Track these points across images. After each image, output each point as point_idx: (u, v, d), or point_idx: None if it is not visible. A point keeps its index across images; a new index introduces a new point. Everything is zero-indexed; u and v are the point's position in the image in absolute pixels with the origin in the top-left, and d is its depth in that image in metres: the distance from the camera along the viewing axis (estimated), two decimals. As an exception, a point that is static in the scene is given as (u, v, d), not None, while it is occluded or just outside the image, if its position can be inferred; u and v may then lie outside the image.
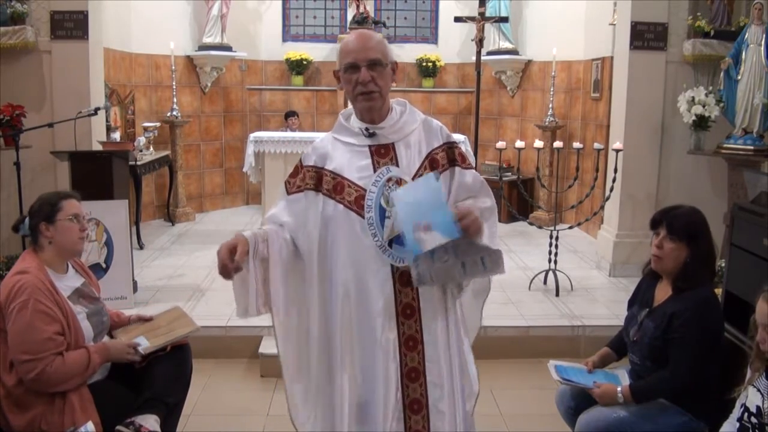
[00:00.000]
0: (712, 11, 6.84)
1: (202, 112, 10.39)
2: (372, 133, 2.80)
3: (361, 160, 2.79)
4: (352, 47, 2.75)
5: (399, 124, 2.84)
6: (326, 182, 2.80)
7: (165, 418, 3.46)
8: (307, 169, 2.87)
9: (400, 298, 2.74)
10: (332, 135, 2.91)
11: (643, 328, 3.43)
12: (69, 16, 6.81)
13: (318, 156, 2.86)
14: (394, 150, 2.81)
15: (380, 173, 2.76)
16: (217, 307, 5.89)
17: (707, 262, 3.40)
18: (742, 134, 6.16)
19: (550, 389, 3.88)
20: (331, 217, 2.77)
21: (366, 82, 2.70)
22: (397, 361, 2.73)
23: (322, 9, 11.39)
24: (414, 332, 2.75)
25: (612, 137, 7.37)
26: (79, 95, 6.80)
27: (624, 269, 7.04)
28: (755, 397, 2.74)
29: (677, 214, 3.46)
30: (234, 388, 5.01)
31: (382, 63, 2.74)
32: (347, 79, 2.76)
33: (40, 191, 3.85)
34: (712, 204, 6.45)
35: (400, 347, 2.74)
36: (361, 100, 2.76)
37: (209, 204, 10.63)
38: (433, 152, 2.85)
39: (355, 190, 2.75)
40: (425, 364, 2.76)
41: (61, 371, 3.21)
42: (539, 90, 10.26)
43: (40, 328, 3.20)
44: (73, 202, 3.54)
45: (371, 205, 2.72)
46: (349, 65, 2.74)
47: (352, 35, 2.82)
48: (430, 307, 2.78)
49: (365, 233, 2.71)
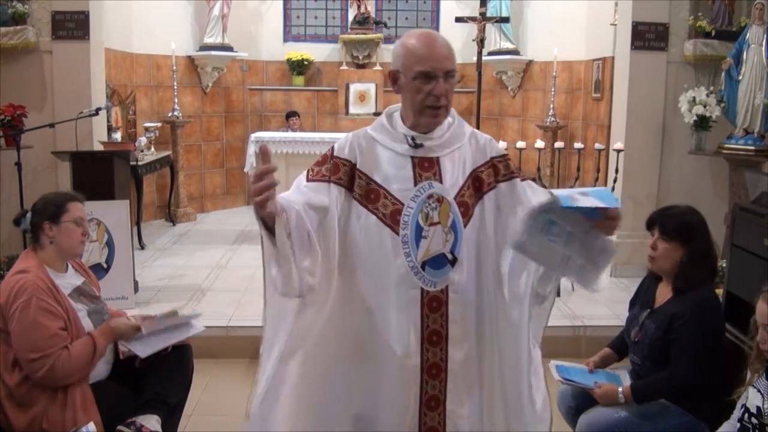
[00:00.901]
0: (713, 11, 6.84)
1: (203, 113, 10.40)
2: (419, 144, 2.54)
3: (402, 170, 2.53)
4: (426, 52, 2.45)
5: (446, 136, 2.58)
6: (359, 185, 2.52)
7: (166, 418, 3.46)
8: (342, 162, 2.55)
9: (427, 323, 2.50)
10: (371, 133, 2.63)
11: (644, 329, 3.43)
12: (70, 17, 6.82)
13: (353, 150, 2.57)
14: (438, 164, 2.55)
15: (421, 188, 2.50)
16: (218, 307, 5.90)
17: (704, 261, 3.39)
18: (743, 134, 6.16)
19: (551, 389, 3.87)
20: (358, 226, 2.51)
21: (440, 95, 2.44)
22: (417, 387, 2.52)
23: (323, 9, 11.40)
24: (439, 360, 2.52)
25: (613, 137, 7.37)
26: (80, 95, 6.80)
27: (625, 269, 7.03)
28: (755, 397, 2.74)
29: (671, 214, 3.48)
30: (235, 388, 5.00)
31: (455, 74, 2.50)
32: (416, 88, 2.46)
33: (41, 191, 3.85)
34: (713, 204, 6.46)
35: (422, 374, 2.52)
36: (429, 113, 2.48)
37: (210, 204, 10.63)
38: (477, 170, 2.59)
39: (392, 202, 2.49)
40: (446, 393, 2.54)
41: (68, 364, 3.22)
42: (540, 90, 10.27)
43: (45, 325, 3.21)
44: (78, 205, 3.55)
45: (407, 221, 2.47)
46: (424, 73, 2.44)
47: (424, 37, 2.50)
48: (459, 335, 2.54)
49: (397, 252, 2.47)
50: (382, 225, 2.48)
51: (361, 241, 2.50)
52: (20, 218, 3.53)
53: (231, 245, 8.25)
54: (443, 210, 2.50)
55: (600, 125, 8.65)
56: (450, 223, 2.50)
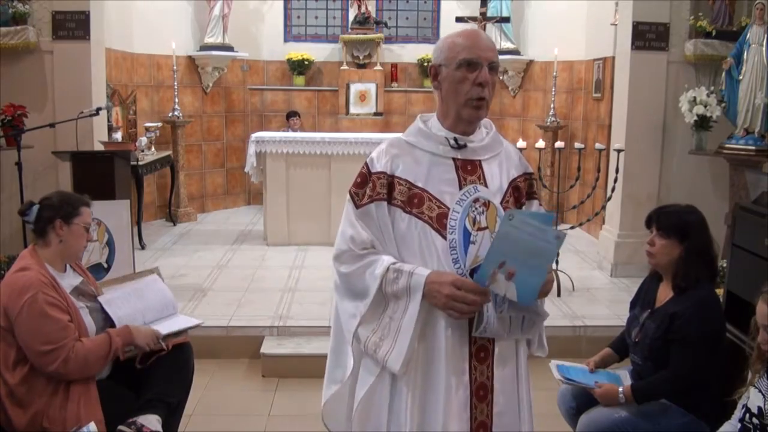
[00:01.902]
0: (714, 11, 6.84)
1: (203, 113, 10.40)
2: (462, 144, 2.45)
3: (445, 172, 2.43)
4: (470, 42, 2.39)
5: (486, 140, 2.51)
6: (400, 192, 2.41)
7: (167, 418, 3.46)
8: (377, 176, 2.44)
9: (475, 338, 2.38)
10: (405, 139, 2.52)
11: (645, 329, 3.44)
12: (71, 17, 6.82)
13: (388, 160, 2.46)
14: (481, 168, 2.46)
15: (467, 191, 2.40)
16: (219, 307, 5.91)
17: (702, 259, 3.40)
18: (743, 134, 6.15)
19: (552, 389, 3.88)
20: (405, 233, 2.40)
21: (486, 83, 2.36)
22: (467, 413, 2.39)
23: (323, 9, 11.39)
24: (485, 379, 2.41)
25: (613, 137, 7.37)
26: (81, 95, 6.81)
27: (625, 269, 7.04)
28: (756, 397, 2.74)
29: (668, 211, 3.50)
30: (235, 388, 5.02)
31: (497, 70, 2.44)
32: (460, 78, 2.38)
33: (42, 192, 3.85)
34: (714, 204, 6.46)
35: (471, 397, 2.39)
36: (472, 106, 2.39)
37: (211, 204, 10.64)
38: (516, 180, 2.53)
39: (437, 206, 2.38)
40: (493, 418, 2.43)
41: (82, 356, 3.22)
42: (541, 90, 10.27)
43: (55, 317, 3.22)
44: (89, 211, 3.58)
45: (455, 225, 2.36)
46: (468, 61, 2.36)
47: (467, 30, 2.47)
48: (504, 351, 2.45)
49: (446, 258, 2.35)
50: (430, 228, 2.37)
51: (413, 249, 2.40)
52: (27, 209, 3.51)
53: (231, 245, 8.25)
54: (490, 214, 2.41)
55: (600, 125, 8.65)
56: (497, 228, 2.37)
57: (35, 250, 3.45)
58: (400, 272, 2.35)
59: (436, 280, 2.28)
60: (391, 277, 2.36)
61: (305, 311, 5.83)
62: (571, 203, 8.71)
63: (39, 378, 3.24)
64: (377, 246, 2.43)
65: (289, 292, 6.40)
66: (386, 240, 2.43)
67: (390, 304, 2.40)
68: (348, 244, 2.45)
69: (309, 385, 4.63)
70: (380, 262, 2.39)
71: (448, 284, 2.25)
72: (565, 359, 3.77)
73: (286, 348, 5.31)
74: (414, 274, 2.32)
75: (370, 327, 2.43)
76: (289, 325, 5.56)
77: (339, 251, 2.49)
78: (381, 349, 2.38)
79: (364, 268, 2.43)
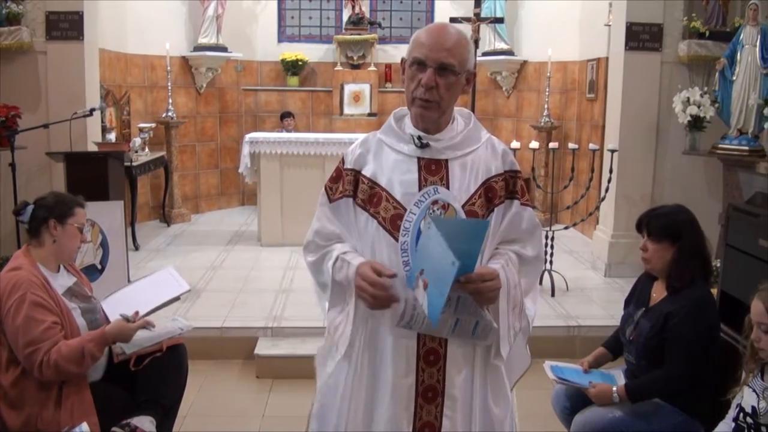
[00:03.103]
0: (707, 12, 6.85)
1: (197, 113, 10.38)
2: (425, 143, 2.38)
3: (407, 172, 2.38)
4: (426, 40, 2.32)
5: (458, 138, 2.43)
6: (362, 190, 2.41)
7: (161, 419, 3.46)
8: (346, 172, 2.47)
9: (424, 340, 2.36)
10: (378, 135, 2.50)
11: (639, 328, 3.44)
12: (64, 17, 6.82)
13: (356, 157, 2.47)
14: (446, 168, 2.39)
15: (426, 192, 2.35)
16: (213, 308, 5.90)
17: (695, 259, 3.40)
18: (737, 135, 6.16)
19: (546, 389, 3.88)
20: (363, 231, 2.41)
21: (429, 87, 2.29)
22: (410, 412, 2.38)
23: (317, 9, 11.40)
24: (435, 382, 2.38)
25: (607, 138, 7.39)
26: (75, 96, 6.81)
27: (619, 269, 7.06)
28: (750, 397, 2.75)
29: (657, 215, 3.50)
30: (230, 389, 5.01)
31: (455, 71, 2.32)
32: (410, 76, 2.35)
33: (35, 192, 3.85)
34: (708, 204, 6.48)
35: (417, 397, 2.38)
36: (417, 105, 2.35)
37: (205, 205, 10.62)
38: (491, 180, 2.42)
39: (393, 206, 2.35)
40: (442, 419, 2.40)
41: (53, 362, 3.19)
42: (535, 91, 10.28)
43: (39, 319, 3.21)
44: (83, 212, 3.57)
45: (408, 228, 2.32)
46: (416, 60, 2.32)
47: (432, 27, 2.39)
48: (458, 355, 2.40)
49: (396, 260, 2.32)
50: (382, 230, 2.35)
51: (364, 248, 2.41)
52: (21, 209, 3.51)
53: (225, 246, 8.24)
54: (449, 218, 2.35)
55: (594, 125, 8.66)
56: None
57: (29, 250, 3.45)
58: (344, 261, 2.42)
59: (357, 269, 2.33)
60: (338, 266, 2.44)
61: (299, 312, 5.81)
62: (565, 203, 8.73)
63: (31, 380, 3.23)
64: (344, 239, 2.49)
65: (283, 292, 6.39)
66: (352, 234, 2.47)
67: (346, 291, 2.46)
68: (313, 236, 2.54)
69: (303, 386, 4.60)
70: (333, 252, 2.48)
71: (359, 275, 2.30)
72: (559, 360, 3.78)
73: (280, 349, 5.31)
74: (350, 264, 2.38)
75: (336, 310, 2.54)
76: (284, 326, 5.55)
77: (307, 241, 2.59)
78: (337, 333, 2.49)
79: (322, 257, 2.52)
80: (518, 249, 2.49)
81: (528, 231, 2.50)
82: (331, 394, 2.51)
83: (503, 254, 2.45)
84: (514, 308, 2.42)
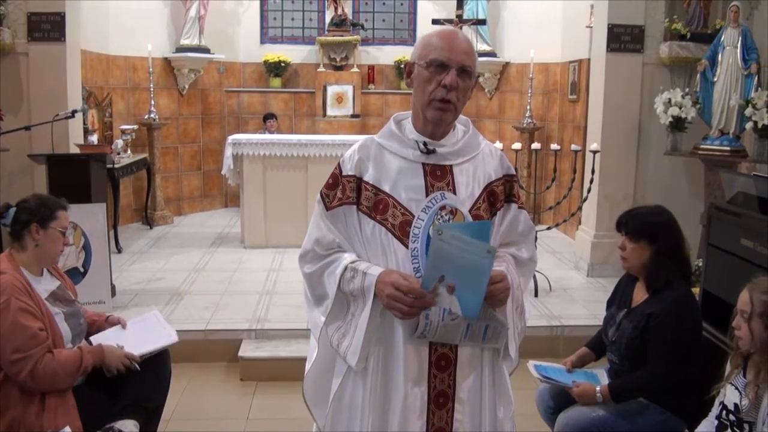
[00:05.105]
0: (689, 14, 6.90)
1: (179, 115, 10.34)
2: (431, 149, 2.37)
3: (413, 178, 2.37)
4: (443, 44, 2.31)
5: (460, 144, 2.44)
6: (366, 197, 2.38)
7: (144, 423, 3.44)
8: (347, 179, 2.41)
9: (436, 347, 2.35)
10: (377, 140, 2.46)
11: (622, 328, 3.46)
12: (46, 18, 6.78)
13: (356, 163, 2.42)
14: (451, 174, 2.39)
15: (433, 198, 2.34)
16: (196, 310, 5.88)
17: (673, 260, 3.42)
18: (718, 135, 6.22)
19: (530, 389, 3.89)
20: (370, 238, 2.37)
21: (452, 87, 2.28)
22: (423, 419, 2.37)
23: (300, 11, 11.38)
24: (446, 387, 2.38)
25: (589, 139, 7.42)
26: (57, 98, 6.77)
27: (602, 269, 7.09)
28: (733, 394, 2.77)
29: (635, 214, 3.54)
30: (213, 391, 4.99)
31: (471, 75, 2.34)
32: (427, 78, 2.32)
33: (17, 195, 3.81)
34: (689, 204, 6.53)
35: (429, 404, 2.37)
36: (435, 107, 2.31)
37: (187, 207, 10.58)
38: (492, 184, 2.45)
39: (402, 213, 2.33)
40: (453, 424, 2.40)
41: (51, 368, 3.19)
42: (517, 92, 10.32)
43: (26, 324, 3.18)
44: (66, 214, 3.55)
45: (418, 234, 2.31)
46: (437, 62, 2.30)
47: (444, 31, 2.39)
48: (468, 360, 2.41)
49: (407, 266, 2.30)
50: (391, 236, 2.33)
51: (373, 256, 2.37)
52: (3, 212, 3.48)
53: (208, 248, 8.21)
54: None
55: (576, 126, 8.71)
56: None
57: (11, 254, 3.42)
58: (356, 271, 2.35)
59: (382, 279, 2.27)
60: (348, 276, 2.37)
61: (283, 314, 5.81)
62: (548, 204, 8.77)
63: (14, 386, 3.21)
64: (345, 247, 2.44)
65: (266, 294, 6.37)
66: (354, 242, 2.42)
67: (351, 302, 2.41)
68: (312, 245, 2.48)
69: (287, 389, 4.62)
70: (340, 261, 2.41)
71: (389, 284, 2.23)
72: (542, 359, 3.78)
73: (264, 351, 5.29)
74: (367, 274, 2.32)
75: (336, 324, 2.45)
76: (267, 329, 5.54)
77: (304, 251, 2.52)
78: (342, 344, 2.41)
79: (324, 267, 2.46)
80: (514, 251, 2.52)
81: (524, 234, 2.54)
82: (343, 410, 2.48)
83: (502, 256, 2.46)
84: (517, 309, 2.44)
